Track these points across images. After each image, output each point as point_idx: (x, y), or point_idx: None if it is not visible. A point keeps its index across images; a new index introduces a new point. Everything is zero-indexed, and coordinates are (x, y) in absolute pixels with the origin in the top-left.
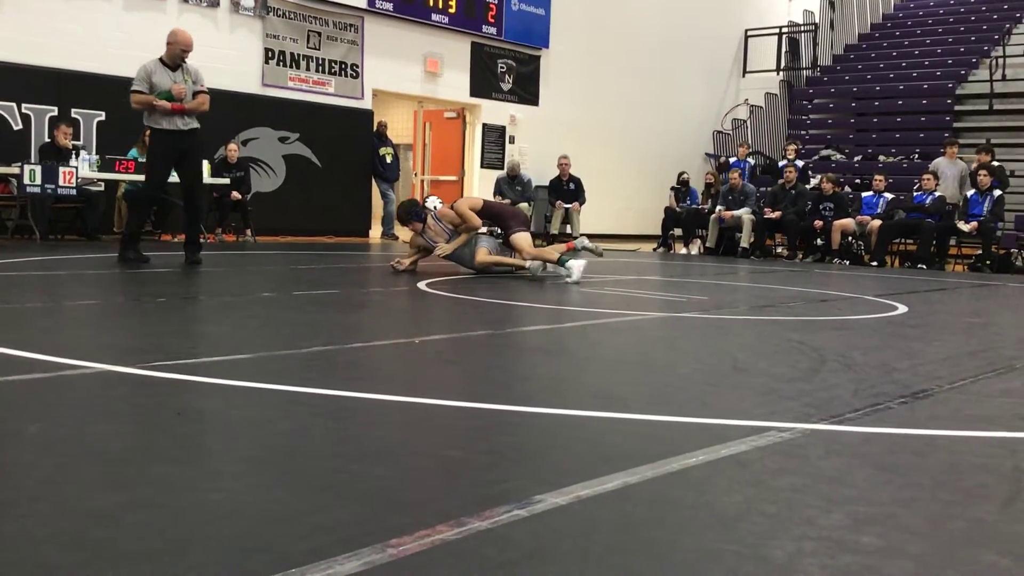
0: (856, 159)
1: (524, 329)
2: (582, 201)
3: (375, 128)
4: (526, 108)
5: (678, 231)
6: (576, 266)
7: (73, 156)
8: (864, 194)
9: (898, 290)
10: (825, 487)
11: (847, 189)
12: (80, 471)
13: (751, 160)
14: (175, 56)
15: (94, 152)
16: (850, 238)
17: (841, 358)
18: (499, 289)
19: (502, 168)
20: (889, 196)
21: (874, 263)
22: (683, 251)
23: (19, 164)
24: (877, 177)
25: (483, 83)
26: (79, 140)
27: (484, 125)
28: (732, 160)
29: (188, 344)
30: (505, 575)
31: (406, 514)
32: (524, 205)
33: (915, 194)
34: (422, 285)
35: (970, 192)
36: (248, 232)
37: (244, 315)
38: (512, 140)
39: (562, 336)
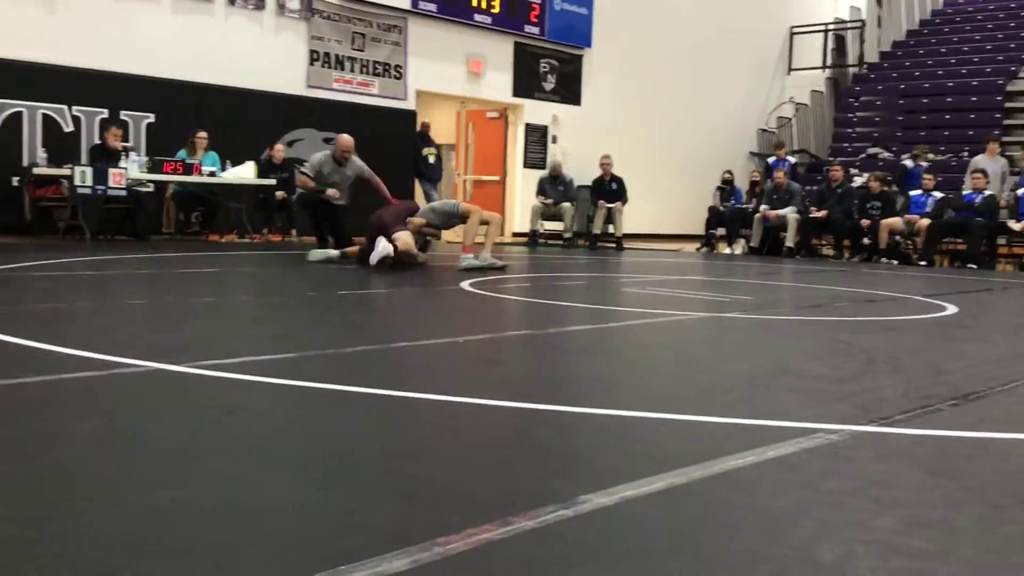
0: (904, 157)
1: (567, 329)
2: (624, 201)
3: (418, 129)
4: (568, 108)
5: (721, 231)
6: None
7: (123, 158)
8: (912, 193)
9: (947, 290)
10: (875, 490)
11: (894, 188)
12: (133, 468)
13: (791, 159)
14: (339, 156)
15: (143, 154)
16: (898, 237)
17: (890, 359)
18: (542, 289)
19: (544, 168)
20: (938, 195)
21: (923, 263)
22: (726, 251)
23: (70, 166)
24: (926, 176)
25: (525, 83)
26: (129, 142)
27: (527, 125)
28: (771, 160)
29: (237, 343)
30: (553, 574)
31: (452, 513)
32: (567, 205)
33: (964, 193)
34: (465, 285)
35: (1020, 191)
36: (293, 232)
37: (290, 315)
38: (554, 140)
39: (605, 336)
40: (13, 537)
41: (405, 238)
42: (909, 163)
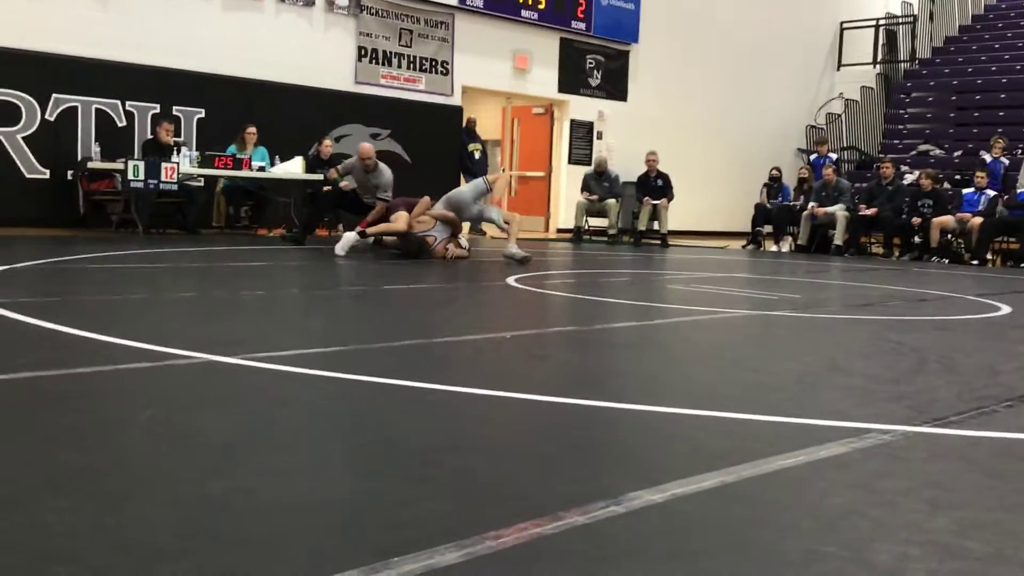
0: (956, 155)
1: (614, 325)
2: (670, 198)
3: (464, 124)
4: (614, 104)
5: (768, 228)
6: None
7: (175, 152)
8: (964, 191)
9: (1000, 290)
10: (929, 491)
11: (946, 185)
12: (187, 459)
13: (832, 155)
14: (361, 163)
15: (195, 148)
16: (949, 236)
17: (942, 359)
18: (586, 285)
19: (589, 164)
20: (991, 193)
21: (975, 262)
22: (773, 248)
23: (123, 160)
24: (979, 173)
25: (571, 79)
26: (180, 137)
27: (572, 121)
28: (812, 157)
29: (286, 336)
30: (605, 570)
31: (503, 507)
32: (612, 202)
33: (1019, 191)
34: (510, 280)
35: None
36: (340, 227)
37: (338, 309)
38: (600, 136)
39: (651, 332)
40: (74, 525)
41: (399, 216)
42: (987, 156)
